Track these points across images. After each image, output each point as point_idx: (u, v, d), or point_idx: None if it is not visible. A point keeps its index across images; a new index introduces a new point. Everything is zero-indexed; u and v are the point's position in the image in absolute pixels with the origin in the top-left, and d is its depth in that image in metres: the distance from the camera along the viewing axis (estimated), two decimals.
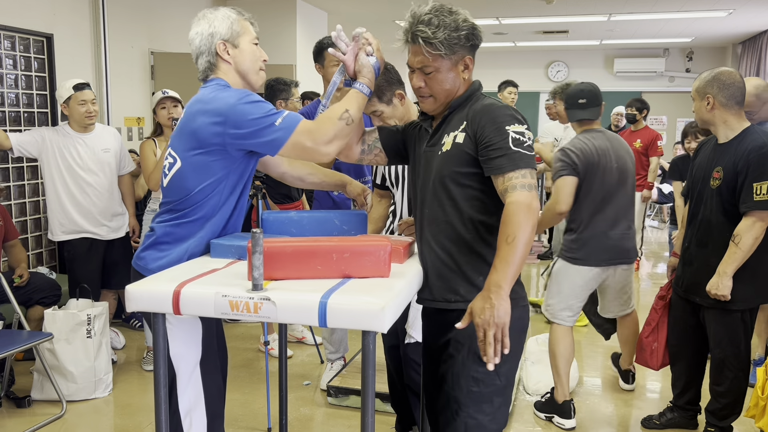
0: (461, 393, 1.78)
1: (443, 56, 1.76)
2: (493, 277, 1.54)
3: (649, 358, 3.18)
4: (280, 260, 1.64)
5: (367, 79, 1.93)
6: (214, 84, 1.96)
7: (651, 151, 6.24)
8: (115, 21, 5.22)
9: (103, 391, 3.51)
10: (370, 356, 1.50)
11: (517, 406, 3.42)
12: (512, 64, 11.45)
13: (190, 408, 1.95)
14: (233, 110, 1.83)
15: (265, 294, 1.53)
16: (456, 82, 1.81)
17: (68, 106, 3.68)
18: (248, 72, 2.01)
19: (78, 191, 3.73)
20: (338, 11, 7.69)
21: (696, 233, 2.84)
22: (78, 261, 3.83)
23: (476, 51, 1.85)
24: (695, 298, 2.84)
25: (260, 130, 1.83)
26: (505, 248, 1.56)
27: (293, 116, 1.87)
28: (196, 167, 1.90)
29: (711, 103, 2.72)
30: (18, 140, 3.61)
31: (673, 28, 8.65)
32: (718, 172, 2.71)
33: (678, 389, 3.09)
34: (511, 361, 1.82)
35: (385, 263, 1.67)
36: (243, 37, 1.99)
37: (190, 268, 1.80)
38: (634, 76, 10.97)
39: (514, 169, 1.65)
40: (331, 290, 1.55)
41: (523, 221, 1.57)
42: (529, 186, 1.64)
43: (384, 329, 1.47)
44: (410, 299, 1.72)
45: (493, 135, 1.69)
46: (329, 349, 3.66)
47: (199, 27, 1.98)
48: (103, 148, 3.80)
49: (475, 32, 1.80)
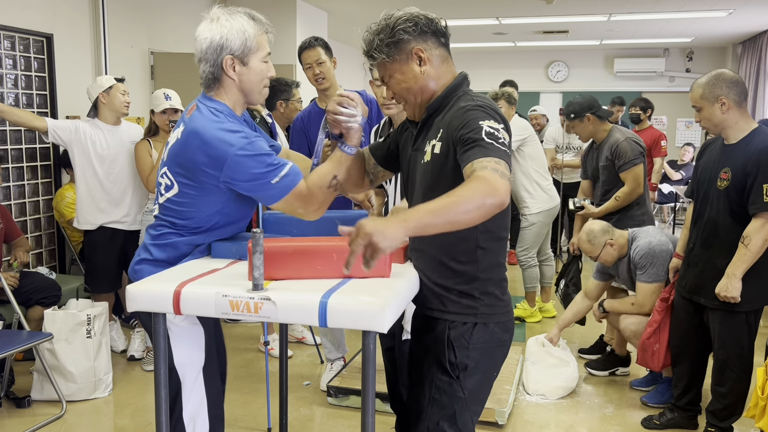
0: (425, 399, 1.76)
1: (387, 61, 1.75)
2: (410, 211, 1.43)
3: (650, 359, 3.19)
4: (281, 260, 1.64)
5: (355, 141, 1.90)
6: (213, 110, 1.85)
7: (654, 152, 6.20)
8: (115, 21, 5.21)
9: (103, 391, 3.51)
10: (371, 356, 1.50)
11: (517, 406, 3.42)
12: (512, 64, 11.45)
13: (194, 414, 1.95)
14: (232, 160, 1.76)
15: (266, 294, 1.53)
16: (415, 78, 1.74)
17: (108, 94, 3.80)
18: (251, 91, 1.92)
19: (108, 179, 3.83)
20: (338, 11, 7.69)
21: (701, 234, 2.81)
22: (99, 250, 3.90)
23: (435, 38, 1.75)
24: (699, 299, 2.83)
25: (256, 186, 1.80)
26: (444, 200, 1.43)
27: (291, 175, 1.81)
28: (193, 196, 1.87)
29: (726, 104, 2.65)
30: (54, 125, 3.76)
31: (673, 28, 8.64)
32: (725, 173, 2.68)
33: (679, 389, 3.09)
34: (478, 377, 1.76)
35: (385, 263, 1.67)
36: (255, 54, 1.87)
37: (191, 268, 1.80)
38: (634, 76, 10.96)
39: (486, 156, 1.52)
40: (332, 290, 1.55)
41: (478, 193, 1.42)
42: (502, 173, 1.48)
43: (384, 329, 1.47)
44: (410, 299, 1.72)
45: (467, 132, 1.60)
46: (328, 348, 3.66)
47: (211, 32, 1.85)
48: (131, 140, 3.93)
49: (415, 21, 1.71)
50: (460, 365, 1.73)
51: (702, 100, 2.71)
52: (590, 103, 3.83)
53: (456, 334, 1.73)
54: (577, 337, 4.46)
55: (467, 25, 8.58)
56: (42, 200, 4.59)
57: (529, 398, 3.53)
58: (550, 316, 4.96)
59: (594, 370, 3.87)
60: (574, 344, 4.29)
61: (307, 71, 3.34)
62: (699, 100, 2.72)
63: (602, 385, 3.72)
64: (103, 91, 3.80)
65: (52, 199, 4.61)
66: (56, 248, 4.73)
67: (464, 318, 1.73)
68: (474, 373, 1.75)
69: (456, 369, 1.73)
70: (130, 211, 3.92)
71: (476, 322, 1.73)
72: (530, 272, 4.74)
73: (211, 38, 1.84)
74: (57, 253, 4.74)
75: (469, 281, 1.73)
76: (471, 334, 1.73)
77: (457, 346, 1.72)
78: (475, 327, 1.73)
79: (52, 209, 4.61)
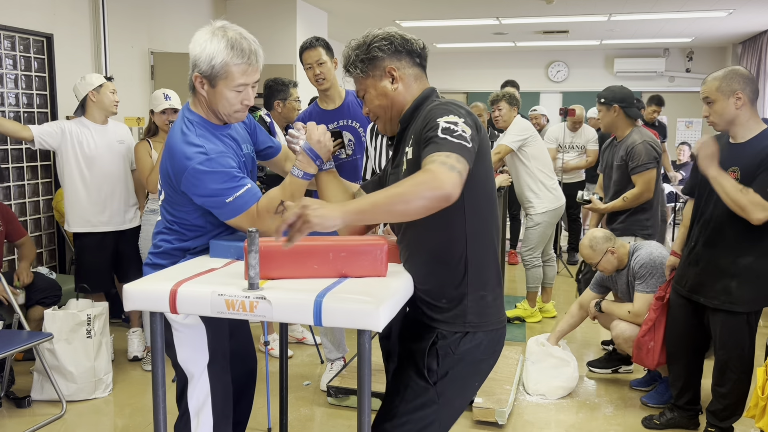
0: (398, 399, 1.73)
1: (362, 76, 1.80)
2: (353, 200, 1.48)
3: (645, 357, 3.19)
4: (277, 259, 1.65)
5: (300, 163, 1.95)
6: (186, 121, 1.93)
7: None
8: (115, 21, 5.22)
9: (103, 391, 3.51)
10: (366, 355, 1.50)
11: (517, 406, 3.42)
12: (512, 64, 11.44)
13: (199, 408, 1.98)
14: (190, 174, 1.85)
15: (261, 293, 1.53)
16: (387, 96, 1.79)
17: (99, 93, 3.78)
18: (218, 113, 1.94)
19: (95, 181, 3.81)
20: (338, 11, 7.69)
21: (704, 233, 2.78)
22: (88, 252, 3.89)
23: (410, 58, 1.80)
24: (699, 298, 2.82)
25: (211, 201, 1.88)
26: (386, 191, 1.46)
27: (246, 197, 1.87)
28: (179, 197, 1.94)
29: (742, 100, 2.61)
30: (39, 132, 3.72)
31: (673, 28, 8.64)
32: (733, 172, 2.64)
33: (677, 389, 3.09)
34: (456, 388, 1.75)
35: (381, 262, 1.67)
36: (223, 81, 1.87)
37: (188, 267, 1.81)
38: (634, 76, 10.95)
39: (438, 150, 1.53)
40: (327, 289, 1.55)
41: (419, 185, 1.44)
42: (451, 166, 1.48)
43: (379, 328, 1.47)
44: (407, 299, 1.72)
45: (426, 131, 1.61)
46: (328, 348, 3.66)
47: (195, 44, 1.88)
48: (118, 140, 3.92)
49: (390, 40, 1.76)
50: (440, 372, 1.70)
51: (717, 93, 2.65)
52: (623, 97, 3.82)
53: (443, 343, 1.71)
54: (577, 338, 4.46)
55: (467, 25, 8.58)
56: (42, 200, 4.60)
57: (529, 398, 3.52)
58: (551, 316, 4.96)
59: (596, 368, 3.87)
60: (574, 344, 4.29)
61: (308, 71, 3.34)
62: (714, 92, 2.66)
63: (602, 385, 3.72)
64: (93, 89, 3.78)
65: (52, 199, 4.61)
66: (56, 248, 4.74)
67: (453, 327, 1.71)
68: (452, 385, 1.72)
69: (435, 375, 1.70)
70: (117, 211, 3.90)
71: (466, 332, 1.71)
72: (534, 272, 4.74)
73: (192, 50, 1.89)
74: (57, 253, 4.75)
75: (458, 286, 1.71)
76: (458, 344, 1.71)
77: (441, 354, 1.70)
78: (465, 336, 1.71)
79: (52, 209, 4.61)
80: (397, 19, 8.25)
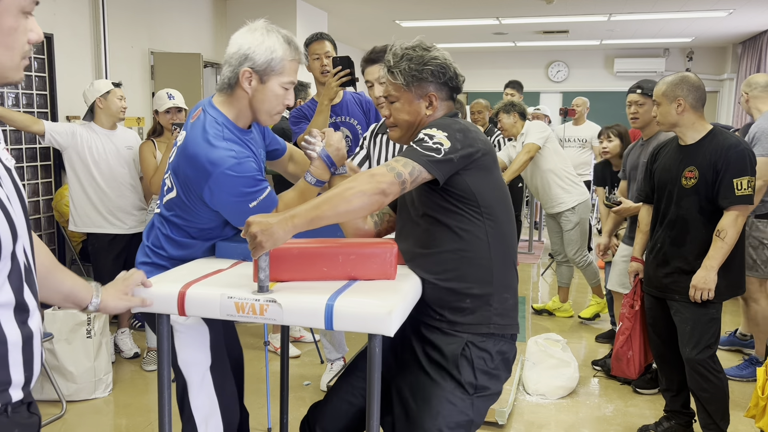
0: (429, 414, 1.67)
1: (403, 87, 1.78)
2: (296, 208, 1.51)
3: (626, 368, 3.15)
4: (286, 262, 1.64)
5: (315, 169, 1.94)
6: (213, 121, 1.85)
7: None
8: (115, 21, 5.20)
9: (103, 391, 3.50)
10: (376, 360, 1.49)
11: (517, 406, 3.42)
12: (512, 64, 11.44)
13: (207, 415, 1.95)
14: (217, 178, 1.78)
15: (271, 296, 1.52)
16: (417, 115, 1.80)
17: (106, 99, 3.81)
18: (260, 111, 1.89)
19: (105, 185, 3.84)
20: (338, 11, 7.68)
21: (670, 233, 2.83)
22: (101, 253, 3.93)
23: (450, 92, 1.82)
24: (674, 296, 2.83)
25: (234, 205, 1.83)
26: (326, 194, 1.53)
27: (267, 202, 1.84)
28: (193, 201, 1.90)
29: (682, 106, 2.76)
30: (51, 128, 3.77)
31: (673, 28, 8.65)
32: (691, 172, 2.74)
33: (673, 392, 3.04)
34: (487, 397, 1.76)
35: (391, 265, 1.67)
36: (277, 76, 1.84)
37: (195, 268, 1.80)
38: (635, 76, 10.94)
39: (398, 156, 1.62)
40: (338, 292, 1.54)
41: (357, 184, 1.53)
42: (391, 168, 1.57)
43: (391, 333, 1.46)
44: (415, 302, 1.71)
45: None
46: (328, 348, 3.66)
47: (242, 39, 1.83)
48: (126, 145, 3.94)
49: (444, 71, 1.77)
50: (479, 385, 1.71)
51: (663, 96, 2.81)
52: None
53: (476, 352, 1.70)
54: (578, 338, 4.47)
55: (467, 25, 8.58)
56: (42, 200, 4.58)
57: (529, 398, 3.53)
58: (567, 315, 4.96)
59: (641, 389, 3.62)
60: (574, 345, 4.29)
61: (315, 62, 3.32)
62: (660, 96, 2.83)
63: (602, 385, 3.72)
64: (100, 95, 3.80)
65: (52, 199, 4.60)
66: (56, 248, 4.72)
67: (479, 329, 1.70)
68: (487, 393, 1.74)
69: (473, 388, 1.71)
70: (129, 215, 3.93)
71: (492, 333, 1.71)
72: (590, 269, 4.70)
73: (240, 45, 1.83)
74: (57, 253, 4.73)
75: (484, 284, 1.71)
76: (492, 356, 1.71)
77: (477, 367, 1.70)
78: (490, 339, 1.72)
79: (52, 209, 4.60)
80: (397, 19, 8.25)
